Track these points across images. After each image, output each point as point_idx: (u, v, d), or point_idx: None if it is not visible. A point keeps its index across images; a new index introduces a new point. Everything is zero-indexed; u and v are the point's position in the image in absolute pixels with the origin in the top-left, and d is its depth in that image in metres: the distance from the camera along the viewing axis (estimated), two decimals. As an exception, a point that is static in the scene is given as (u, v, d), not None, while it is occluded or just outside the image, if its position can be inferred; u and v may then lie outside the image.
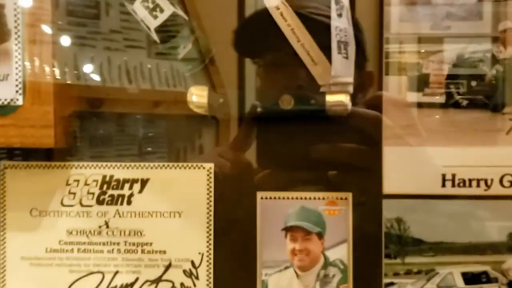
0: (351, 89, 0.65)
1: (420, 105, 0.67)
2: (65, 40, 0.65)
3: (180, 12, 0.64)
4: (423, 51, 0.66)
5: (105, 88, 0.67)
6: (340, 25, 0.65)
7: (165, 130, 0.68)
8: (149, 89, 0.68)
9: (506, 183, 0.66)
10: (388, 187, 0.67)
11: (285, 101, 0.65)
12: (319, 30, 0.65)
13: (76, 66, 0.64)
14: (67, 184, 0.69)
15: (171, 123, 0.69)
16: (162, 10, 0.63)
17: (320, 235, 0.67)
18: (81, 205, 0.69)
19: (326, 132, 0.66)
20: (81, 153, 0.70)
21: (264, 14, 0.65)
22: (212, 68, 0.67)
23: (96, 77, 0.68)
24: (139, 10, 0.64)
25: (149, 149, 0.69)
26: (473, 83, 0.66)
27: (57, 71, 0.62)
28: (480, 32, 0.66)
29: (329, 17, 0.64)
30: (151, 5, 0.63)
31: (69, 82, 0.63)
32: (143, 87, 0.68)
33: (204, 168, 0.68)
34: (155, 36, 0.64)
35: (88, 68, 0.67)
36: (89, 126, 0.70)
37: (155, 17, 0.63)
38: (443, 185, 0.67)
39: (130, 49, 0.68)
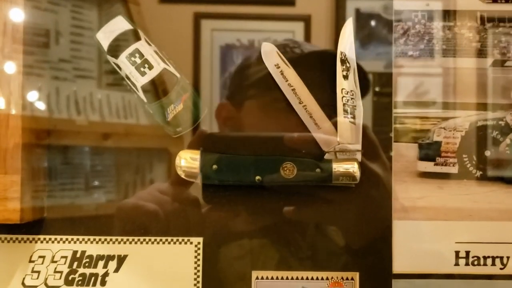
0: (359, 156, 0.59)
1: (431, 175, 0.61)
2: (12, 69, 0.57)
3: (172, 69, 0.57)
4: (434, 116, 0.62)
5: (52, 119, 0.62)
6: (346, 87, 0.60)
7: (114, 163, 0.61)
8: (99, 120, 0.63)
9: (523, 261, 0.61)
10: (398, 265, 0.61)
11: (287, 170, 0.58)
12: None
13: (22, 96, 0.57)
14: (30, 261, 0.60)
15: (120, 156, 0.62)
16: (151, 67, 0.56)
17: (324, 321, 0.59)
18: (47, 285, 0.60)
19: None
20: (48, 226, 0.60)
21: None
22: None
23: (43, 108, 0.61)
24: (124, 65, 0.56)
25: (96, 183, 0.61)
26: (487, 153, 0.62)
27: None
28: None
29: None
30: (138, 60, 0.56)
31: (14, 112, 0.55)
32: (92, 119, 0.63)
33: (191, 243, 0.60)
34: (141, 95, 0.56)
35: (35, 98, 0.61)
36: (33, 158, 0.61)
37: (143, 73, 0.56)
38: (457, 263, 0.61)
39: (79, 79, 0.62)
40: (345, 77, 0.60)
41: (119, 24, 0.58)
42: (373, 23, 0.63)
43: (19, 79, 0.56)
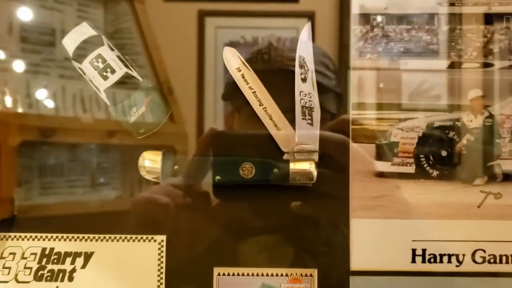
0: (316, 157, 0.61)
1: (388, 175, 0.63)
2: (18, 67, 0.60)
3: (134, 73, 0.59)
4: (391, 117, 0.63)
5: (58, 117, 0.64)
6: (304, 89, 0.62)
7: (119, 160, 0.63)
8: (104, 118, 0.64)
9: (478, 259, 0.62)
10: (356, 263, 0.62)
11: (246, 170, 0.60)
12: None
13: (29, 94, 0.60)
14: (1, 258, 0.62)
15: (126, 154, 0.63)
16: (113, 71, 0.58)
17: (282, 316, 0.61)
18: (17, 281, 0.62)
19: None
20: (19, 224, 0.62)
21: None
22: (170, 98, 0.63)
23: (49, 106, 0.63)
24: (88, 70, 0.58)
25: (102, 180, 0.63)
26: (444, 153, 0.63)
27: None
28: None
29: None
30: (101, 65, 0.58)
31: (21, 110, 0.57)
32: (98, 117, 0.64)
33: (155, 241, 0.62)
34: (104, 98, 0.59)
35: (41, 96, 0.63)
36: (40, 155, 0.63)
37: (105, 78, 0.58)
38: (413, 261, 0.62)
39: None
40: (304, 80, 0.62)
41: (84, 30, 0.60)
42: (379, 19, 0.64)
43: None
